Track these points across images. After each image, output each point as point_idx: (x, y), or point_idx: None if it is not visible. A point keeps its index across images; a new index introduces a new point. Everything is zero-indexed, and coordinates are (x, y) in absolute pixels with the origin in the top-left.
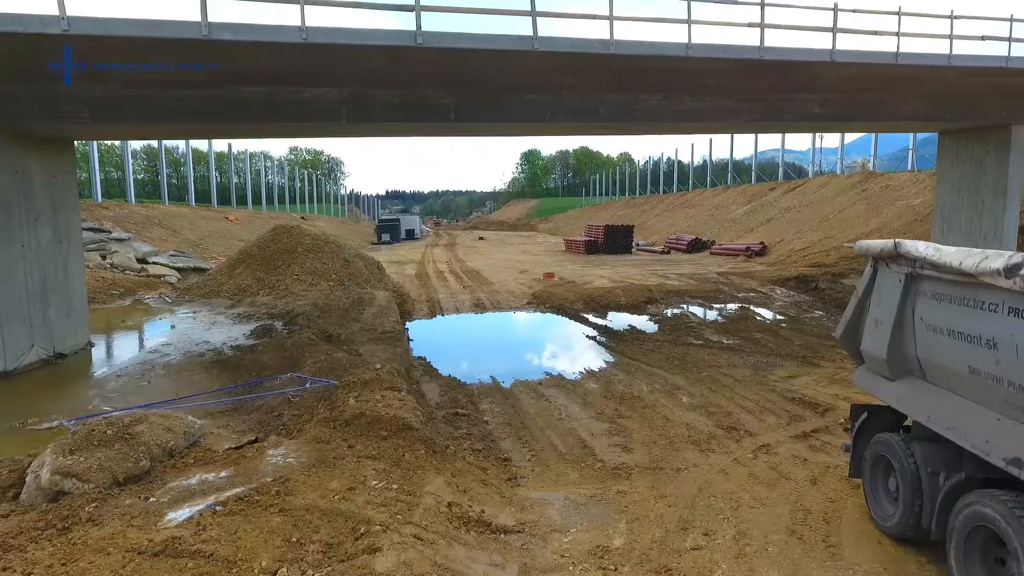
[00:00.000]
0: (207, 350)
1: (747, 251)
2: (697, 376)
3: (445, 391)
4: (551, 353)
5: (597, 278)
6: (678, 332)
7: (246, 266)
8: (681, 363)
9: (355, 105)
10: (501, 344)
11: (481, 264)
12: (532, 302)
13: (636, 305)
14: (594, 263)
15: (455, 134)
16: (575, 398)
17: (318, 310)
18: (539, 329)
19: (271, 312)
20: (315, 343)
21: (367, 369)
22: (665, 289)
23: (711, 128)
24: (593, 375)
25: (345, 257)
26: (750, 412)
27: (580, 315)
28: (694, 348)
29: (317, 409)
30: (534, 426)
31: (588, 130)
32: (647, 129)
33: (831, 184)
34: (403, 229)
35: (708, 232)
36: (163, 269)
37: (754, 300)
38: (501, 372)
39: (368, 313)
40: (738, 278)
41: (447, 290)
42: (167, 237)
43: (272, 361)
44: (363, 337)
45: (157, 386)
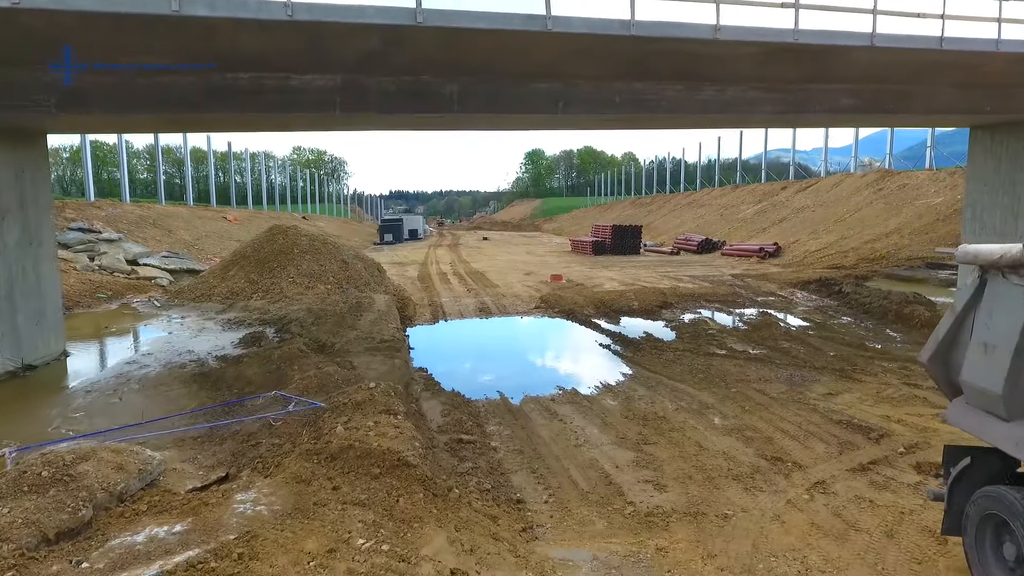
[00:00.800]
0: (190, 361)
1: (760, 252)
2: (726, 392)
3: (448, 410)
4: (562, 363)
5: (606, 280)
6: (698, 340)
7: (239, 268)
8: (706, 376)
9: (349, 93)
10: (508, 353)
11: (485, 265)
12: (540, 306)
13: (650, 310)
14: (602, 264)
15: (458, 127)
16: (592, 418)
17: (313, 316)
18: (548, 336)
19: (263, 318)
20: (306, 354)
21: (360, 388)
22: (679, 292)
23: (731, 121)
24: (610, 390)
25: (343, 259)
26: (793, 437)
27: (591, 321)
28: (718, 359)
29: (301, 437)
30: (549, 455)
31: (602, 123)
32: (664, 122)
33: (845, 183)
34: (406, 229)
35: (718, 232)
36: (154, 271)
37: (775, 304)
38: (509, 386)
39: (366, 319)
40: (754, 280)
41: (450, 293)
42: (161, 237)
43: (257, 375)
44: (359, 347)
45: (129, 403)
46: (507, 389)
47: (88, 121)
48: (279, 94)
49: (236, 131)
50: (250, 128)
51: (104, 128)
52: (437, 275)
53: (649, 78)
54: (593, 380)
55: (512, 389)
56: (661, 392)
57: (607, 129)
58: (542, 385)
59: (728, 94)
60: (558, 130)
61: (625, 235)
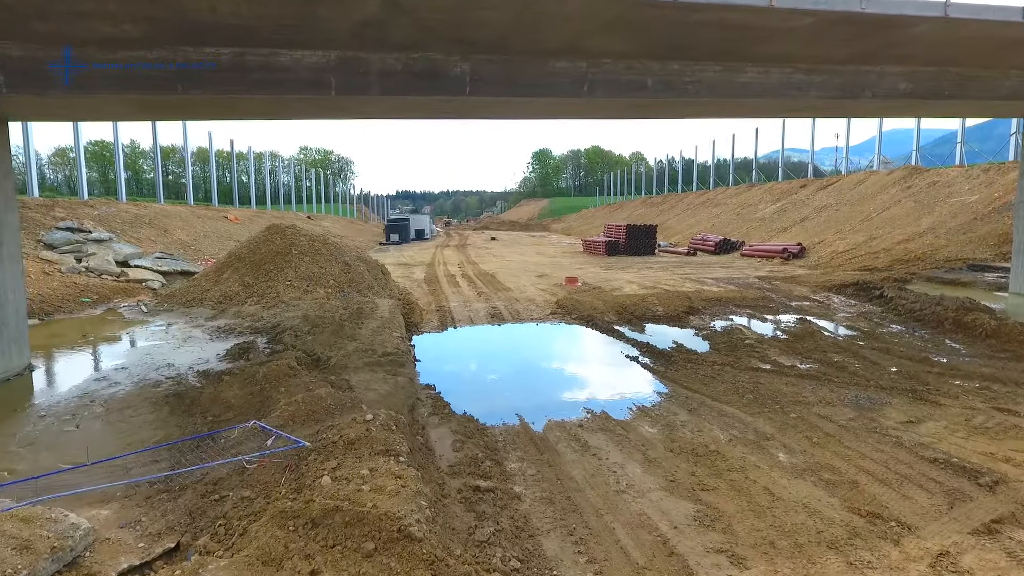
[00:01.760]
0: (166, 378)
1: (784, 253)
2: (784, 418)
3: (460, 441)
4: (587, 379)
5: (625, 283)
6: (736, 352)
7: (234, 271)
8: (755, 396)
9: (347, 72)
10: (524, 365)
11: (495, 267)
12: (556, 312)
13: (676, 316)
14: (617, 265)
15: (470, 114)
16: (631, 451)
17: (309, 324)
18: (568, 346)
19: (255, 326)
20: (296, 372)
21: (355, 420)
22: (705, 296)
23: (772, 108)
24: (646, 413)
25: (345, 260)
26: (884, 483)
27: (613, 328)
28: (765, 375)
29: (276, 488)
30: (587, 506)
31: (630, 110)
32: (699, 109)
33: (870, 181)
34: (412, 229)
35: (735, 232)
36: (146, 273)
37: (811, 310)
38: (528, 406)
39: (367, 328)
40: (783, 283)
41: (459, 297)
42: (157, 238)
43: (237, 398)
44: (359, 361)
45: (86, 432)
46: (527, 411)
47: (47, 105)
48: (265, 72)
49: (218, 118)
50: (234, 114)
51: (68, 114)
52: (445, 277)
53: (686, 57)
54: (624, 400)
55: (532, 411)
56: (706, 417)
57: (635, 118)
58: (566, 406)
59: (772, 77)
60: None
61: (640, 235)
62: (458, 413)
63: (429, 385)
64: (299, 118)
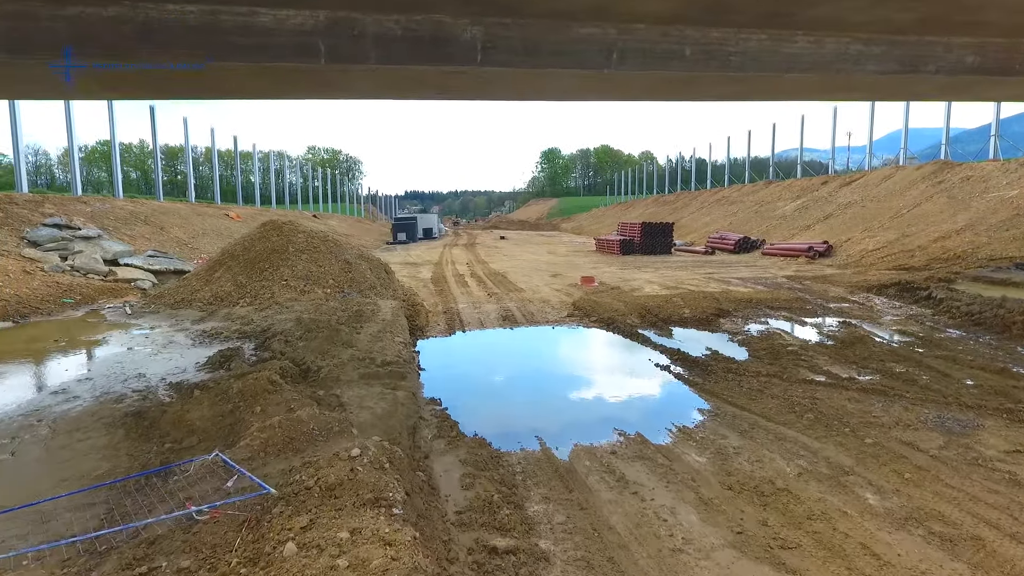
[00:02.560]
0: (132, 392)
1: (809, 251)
2: (859, 445)
3: (471, 476)
4: (614, 392)
5: (644, 283)
6: (781, 360)
7: (226, 269)
8: (816, 416)
9: (338, 36)
10: (542, 375)
11: (506, 266)
12: (574, 314)
13: (705, 319)
14: (634, 265)
15: (480, 93)
16: (680, 488)
17: (302, 328)
18: (589, 353)
19: (244, 330)
20: (277, 387)
21: (337, 456)
22: (733, 297)
23: (821, 86)
24: (689, 435)
25: (346, 259)
26: (1017, 539)
27: (637, 332)
28: (821, 388)
29: (227, 555)
30: (634, 572)
31: (663, 87)
32: (739, 88)
33: (897, 176)
34: (420, 228)
35: (755, 230)
36: (136, 272)
37: (853, 313)
38: (550, 426)
39: (366, 333)
40: (814, 283)
41: (468, 298)
42: (152, 235)
43: (204, 420)
44: (353, 372)
45: (20, 461)
46: (548, 432)
47: None
48: (242, 36)
49: (188, 97)
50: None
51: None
52: (453, 277)
53: (728, 24)
54: (660, 419)
55: (554, 432)
56: (762, 441)
57: (667, 98)
58: (593, 426)
59: (825, 47)
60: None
61: (655, 233)
62: (468, 435)
63: (434, 399)
64: (288, 96)
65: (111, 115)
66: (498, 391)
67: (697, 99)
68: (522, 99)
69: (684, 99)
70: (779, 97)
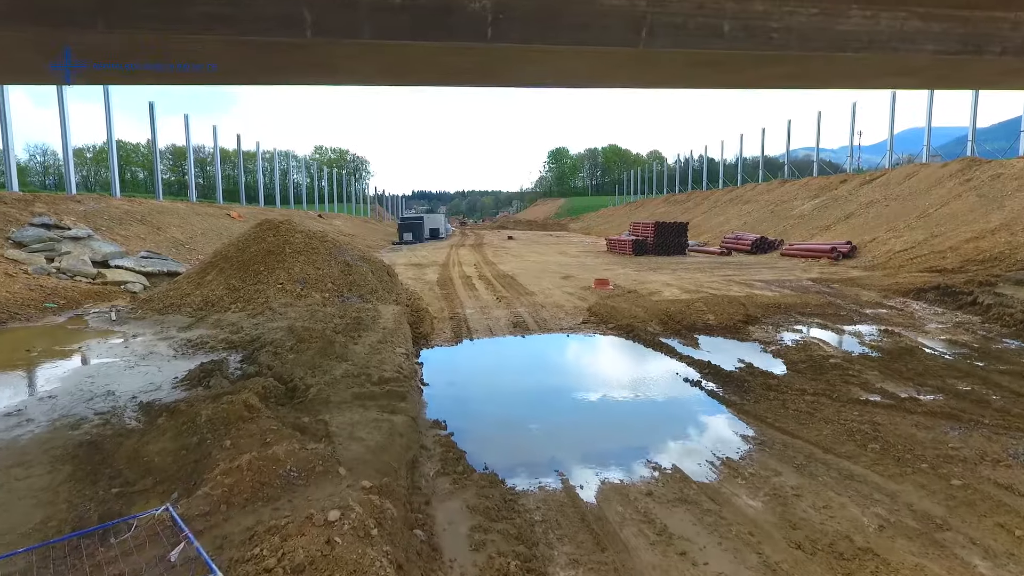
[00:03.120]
0: (94, 414)
1: (832, 252)
2: (946, 487)
3: (482, 527)
4: (641, 412)
5: (662, 286)
6: (825, 375)
7: (219, 272)
8: (882, 447)
9: (325, 5)
10: (559, 392)
11: (515, 268)
12: (589, 321)
13: (733, 327)
14: (648, 266)
15: (491, 77)
16: (737, 546)
17: (294, 337)
18: (609, 365)
19: (232, 339)
20: (254, 414)
21: (310, 519)
22: (760, 303)
23: (872, 70)
24: (736, 471)
25: (346, 260)
26: None
27: (660, 341)
28: (880, 410)
29: None
30: None
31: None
32: (782, 70)
33: (921, 174)
34: (427, 228)
35: (771, 230)
36: (126, 274)
37: (892, 320)
38: (572, 457)
39: (364, 343)
40: (843, 287)
41: (476, 302)
42: (147, 235)
43: (166, 454)
44: (346, 391)
45: None
46: (570, 464)
47: None
48: (216, 4)
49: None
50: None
51: None
52: (460, 279)
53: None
54: (699, 448)
55: (577, 464)
56: (824, 480)
57: (701, 85)
58: (621, 456)
59: (881, 23)
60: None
61: (669, 233)
62: (477, 469)
63: (438, 422)
64: (273, 80)
65: (108, 112)
66: (510, 411)
67: (735, 85)
68: (538, 84)
69: (721, 85)
70: (827, 83)
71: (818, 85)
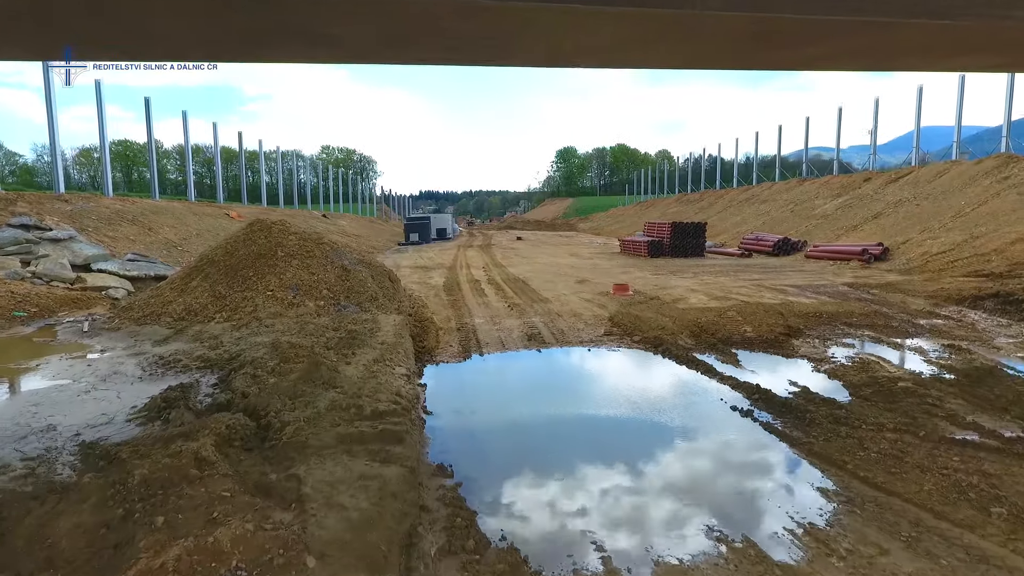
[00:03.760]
0: (21, 460)
1: (863, 255)
2: None
3: None
4: (689, 456)
5: (686, 292)
6: (899, 403)
7: (204, 277)
8: (1012, 512)
9: None
10: (586, 425)
11: (526, 270)
12: (612, 332)
13: (774, 340)
14: (667, 269)
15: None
16: None
17: (278, 356)
18: (640, 389)
19: (209, 357)
20: (206, 470)
21: None
22: (798, 311)
23: (995, 42)
24: (825, 545)
25: (343, 265)
26: None
27: (694, 358)
28: (984, 454)
29: None
30: None
31: (755, 45)
32: (848, 50)
33: (953, 172)
34: (434, 228)
35: (793, 231)
36: (109, 279)
37: (953, 333)
38: (611, 521)
39: (358, 363)
40: (883, 293)
41: (486, 310)
42: (137, 236)
43: (78, 535)
44: (330, 432)
45: None
46: (610, 533)
47: None
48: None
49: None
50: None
51: None
52: (468, 283)
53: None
54: (770, 508)
55: (620, 532)
56: (948, 562)
57: (759, 64)
58: (676, 522)
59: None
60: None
61: (686, 234)
62: (493, 542)
63: (443, 467)
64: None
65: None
66: (530, 453)
67: (784, 64)
68: (563, 63)
69: (767, 64)
70: (893, 62)
71: (882, 64)
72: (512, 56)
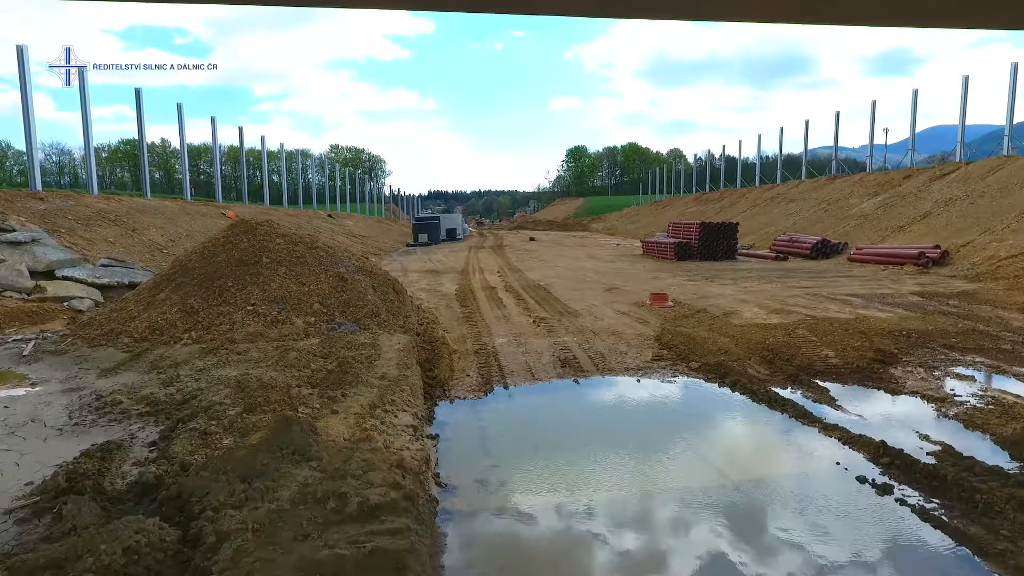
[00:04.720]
0: None
1: (920, 259)
2: None
3: None
4: (825, 571)
5: (735, 303)
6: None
7: (175, 288)
8: None
9: None
10: (664, 505)
11: (546, 276)
12: (663, 356)
13: (867, 369)
14: (701, 275)
15: (560, 5)
16: None
17: (243, 401)
18: (716, 440)
19: (156, 398)
20: None
21: None
22: (880, 329)
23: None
24: None
25: (339, 273)
26: None
27: (775, 394)
28: None
29: None
30: None
31: None
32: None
33: (1008, 167)
34: (443, 229)
35: (829, 231)
36: (74, 287)
37: None
38: None
39: (348, 411)
40: (964, 304)
41: (507, 326)
42: (118, 238)
43: None
44: (290, 555)
45: None
46: None
47: None
48: None
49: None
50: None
51: None
52: (483, 290)
53: None
54: None
55: None
56: None
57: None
58: None
59: None
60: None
61: (717, 235)
62: None
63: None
64: None
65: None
66: (589, 553)
67: (845, 20)
68: (598, 12)
69: (829, 19)
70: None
71: (965, 23)
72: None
